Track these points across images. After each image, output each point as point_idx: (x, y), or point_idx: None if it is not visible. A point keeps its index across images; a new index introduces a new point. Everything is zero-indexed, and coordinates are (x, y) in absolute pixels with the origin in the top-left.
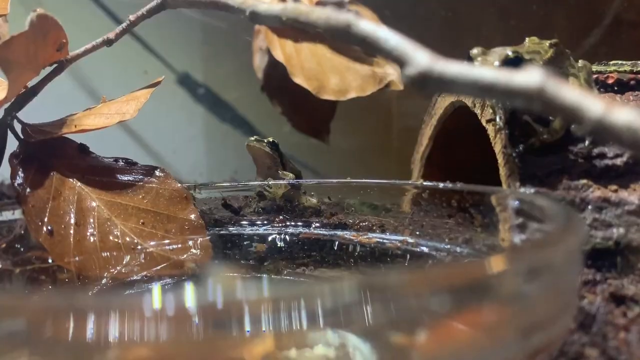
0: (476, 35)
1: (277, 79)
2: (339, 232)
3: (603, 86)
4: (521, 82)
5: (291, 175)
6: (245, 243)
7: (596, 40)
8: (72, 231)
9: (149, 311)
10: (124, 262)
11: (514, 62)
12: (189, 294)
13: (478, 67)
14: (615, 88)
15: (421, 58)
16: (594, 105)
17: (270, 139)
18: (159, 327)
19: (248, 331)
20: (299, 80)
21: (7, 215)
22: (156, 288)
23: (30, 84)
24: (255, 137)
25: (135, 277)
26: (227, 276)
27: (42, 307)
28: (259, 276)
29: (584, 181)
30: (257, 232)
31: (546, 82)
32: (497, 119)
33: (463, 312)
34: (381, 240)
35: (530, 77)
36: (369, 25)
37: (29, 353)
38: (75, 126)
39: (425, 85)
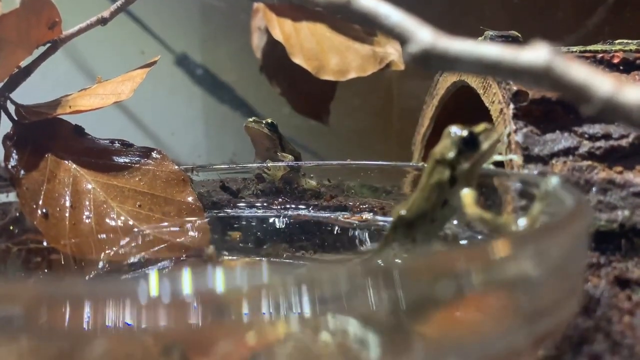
0: (479, 14)
1: (276, 58)
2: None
3: (608, 66)
4: (528, 59)
5: (290, 157)
6: (243, 226)
7: (600, 19)
8: (67, 214)
9: (145, 298)
10: (121, 245)
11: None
12: (187, 280)
13: (482, 44)
14: (621, 67)
15: (424, 35)
16: (603, 83)
17: (269, 120)
18: (157, 314)
19: (247, 315)
20: (298, 60)
21: (2, 197)
22: (153, 272)
23: (23, 64)
24: (254, 117)
25: (132, 260)
26: (225, 260)
27: (37, 294)
28: (258, 260)
29: (589, 162)
30: (256, 214)
31: (553, 60)
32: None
33: (467, 297)
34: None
35: (537, 54)
36: (370, 0)
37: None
38: (70, 107)
39: (428, 62)
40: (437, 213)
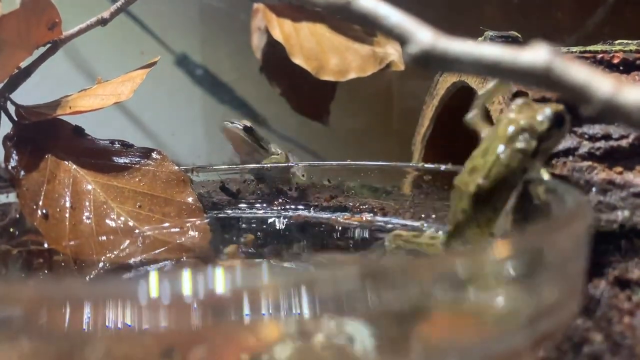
0: (478, 14)
1: (276, 59)
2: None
3: (608, 66)
4: (527, 60)
5: (280, 152)
6: (243, 226)
7: (600, 19)
8: (67, 215)
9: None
10: (121, 246)
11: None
12: (187, 281)
13: (482, 45)
14: (621, 68)
15: (423, 35)
16: (603, 84)
17: (246, 123)
18: (158, 315)
19: (247, 316)
20: (298, 60)
21: (2, 198)
22: (153, 273)
23: (23, 64)
24: (230, 120)
25: (133, 261)
26: (225, 261)
27: (37, 295)
28: (258, 261)
29: (589, 163)
30: (256, 215)
31: (553, 61)
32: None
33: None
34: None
35: (536, 55)
36: (370, 1)
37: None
38: (70, 107)
39: (428, 63)
40: (517, 179)
